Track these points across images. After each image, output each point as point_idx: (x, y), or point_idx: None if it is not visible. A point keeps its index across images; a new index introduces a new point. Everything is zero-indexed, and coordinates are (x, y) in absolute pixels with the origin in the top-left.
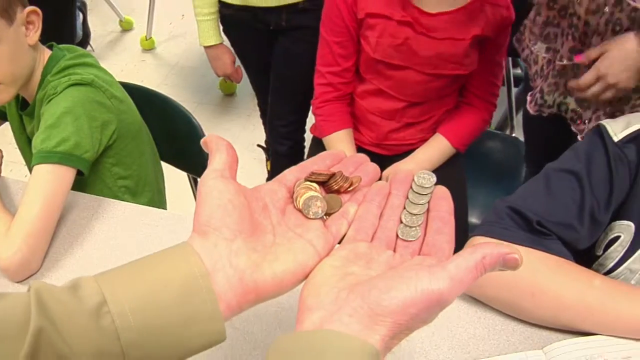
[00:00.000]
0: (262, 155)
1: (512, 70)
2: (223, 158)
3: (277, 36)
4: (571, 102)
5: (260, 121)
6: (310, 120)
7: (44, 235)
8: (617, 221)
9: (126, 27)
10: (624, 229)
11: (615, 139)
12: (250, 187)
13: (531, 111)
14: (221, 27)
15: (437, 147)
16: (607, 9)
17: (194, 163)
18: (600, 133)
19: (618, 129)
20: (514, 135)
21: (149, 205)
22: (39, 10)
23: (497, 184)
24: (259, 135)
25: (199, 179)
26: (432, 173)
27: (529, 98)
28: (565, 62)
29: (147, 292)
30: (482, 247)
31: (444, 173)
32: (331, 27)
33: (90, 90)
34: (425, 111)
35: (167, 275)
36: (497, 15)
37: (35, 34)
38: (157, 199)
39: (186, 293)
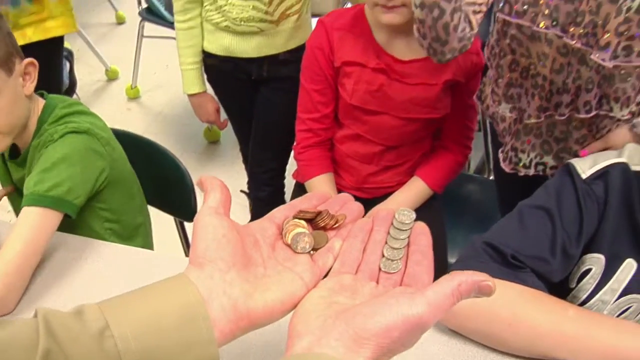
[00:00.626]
0: (246, 201)
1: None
2: (217, 196)
3: (258, 86)
4: (549, 160)
5: (244, 167)
6: (290, 167)
7: (21, 276)
8: (588, 254)
9: (112, 76)
10: (595, 262)
11: (584, 177)
12: None
13: (506, 169)
14: (205, 76)
15: (415, 189)
16: (571, 68)
17: (182, 207)
18: (569, 171)
19: (586, 167)
20: (491, 178)
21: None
22: (35, 62)
23: (476, 226)
24: (243, 181)
25: (186, 223)
26: (411, 210)
27: (501, 155)
28: (532, 120)
29: (147, 318)
30: (458, 275)
31: (423, 214)
32: (310, 76)
33: (86, 138)
34: (402, 154)
35: (166, 302)
36: (468, 61)
37: (31, 84)
38: (146, 243)
39: (184, 320)
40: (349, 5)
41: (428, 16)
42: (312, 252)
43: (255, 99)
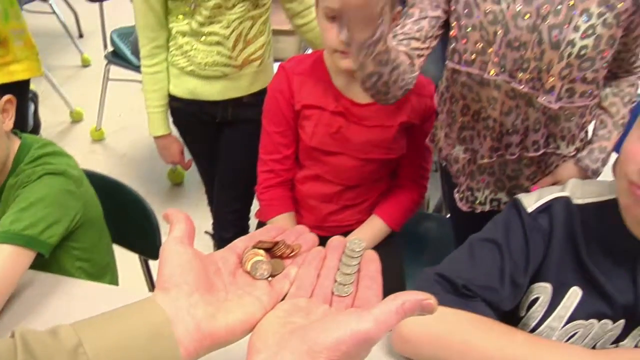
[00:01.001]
0: (210, 242)
1: None
2: (182, 227)
3: (223, 128)
4: (503, 196)
5: (208, 209)
6: (255, 207)
7: None
8: (536, 283)
9: (76, 118)
10: (543, 290)
11: (529, 210)
12: None
13: (463, 209)
14: (170, 119)
15: (374, 227)
16: (519, 110)
17: (147, 245)
18: (516, 206)
19: (531, 201)
20: (448, 216)
21: None
22: (13, 98)
23: (434, 262)
24: (207, 223)
25: (150, 261)
26: (362, 239)
27: (457, 196)
28: (485, 160)
29: (117, 336)
30: (403, 295)
31: (382, 251)
32: (271, 118)
33: (62, 180)
34: (361, 194)
35: (135, 323)
36: (422, 104)
37: (10, 121)
38: (113, 280)
39: (151, 338)
40: (309, 51)
41: (367, 81)
42: (269, 278)
43: (219, 141)
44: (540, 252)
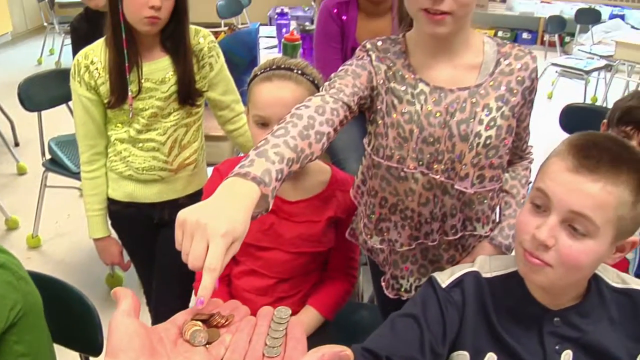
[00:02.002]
0: None
1: None
2: (129, 302)
3: (160, 228)
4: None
5: (147, 309)
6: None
7: None
8: (455, 352)
9: (12, 225)
10: (461, 358)
11: (443, 286)
12: None
13: (390, 296)
14: (109, 221)
15: (308, 317)
16: (437, 199)
17: (87, 343)
18: (431, 283)
19: (445, 277)
20: None
21: None
22: None
23: None
24: (147, 324)
25: (91, 358)
26: (288, 308)
27: (383, 284)
28: (405, 248)
29: None
30: (323, 348)
31: (316, 340)
32: None
33: (1, 271)
34: (294, 286)
35: None
36: (347, 199)
37: None
38: None
39: None
40: (241, 154)
41: None
42: (207, 345)
43: (157, 242)
44: (455, 323)
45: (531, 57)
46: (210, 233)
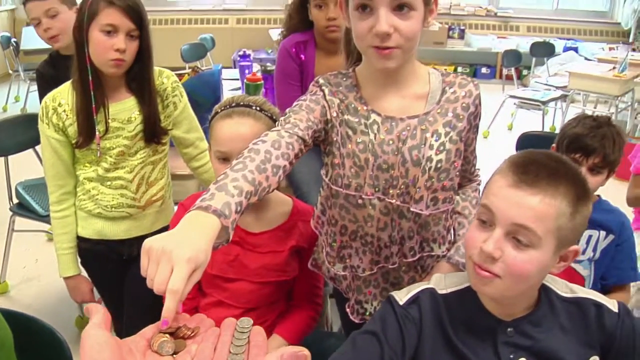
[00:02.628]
0: None
1: None
2: (100, 316)
3: (129, 264)
4: None
5: None
6: None
7: None
8: None
9: None
10: None
11: (401, 303)
12: None
13: (356, 321)
14: (79, 260)
15: (275, 345)
16: (394, 223)
17: None
18: (390, 301)
19: (402, 295)
20: None
21: None
22: None
23: None
24: None
25: None
26: (249, 319)
27: (348, 310)
28: (367, 273)
29: None
30: (282, 349)
31: None
32: None
33: None
34: (261, 315)
35: None
36: (309, 229)
37: None
38: None
39: None
40: None
41: None
42: (174, 355)
43: (126, 278)
44: (414, 338)
45: (474, 84)
46: (175, 259)
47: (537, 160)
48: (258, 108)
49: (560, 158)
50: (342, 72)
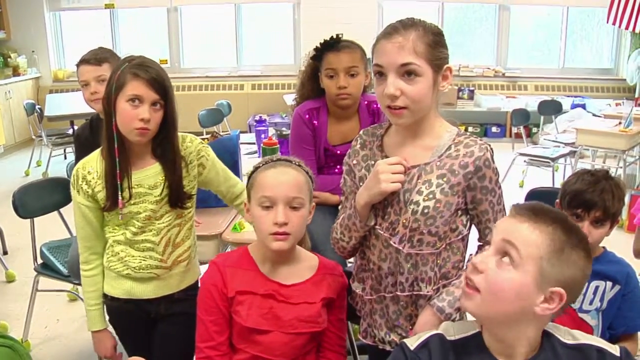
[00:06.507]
0: None
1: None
2: None
3: (156, 323)
4: (396, 337)
5: None
6: None
7: None
8: None
9: (1, 331)
10: None
11: (412, 348)
12: None
13: (369, 342)
14: (107, 317)
15: None
16: (391, 256)
17: None
18: (401, 347)
19: (413, 341)
20: None
21: None
22: None
23: None
24: None
25: None
26: None
27: (362, 334)
28: (368, 297)
29: None
30: None
31: None
32: (205, 308)
33: (9, 352)
34: None
35: None
36: (337, 282)
37: None
38: None
39: None
40: (229, 248)
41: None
42: None
43: (153, 336)
44: None
45: (480, 147)
46: None
47: (537, 204)
48: (297, 163)
49: (560, 211)
50: (382, 124)
